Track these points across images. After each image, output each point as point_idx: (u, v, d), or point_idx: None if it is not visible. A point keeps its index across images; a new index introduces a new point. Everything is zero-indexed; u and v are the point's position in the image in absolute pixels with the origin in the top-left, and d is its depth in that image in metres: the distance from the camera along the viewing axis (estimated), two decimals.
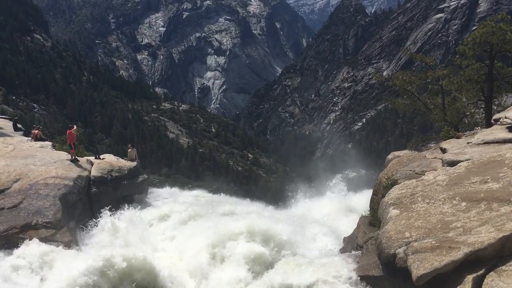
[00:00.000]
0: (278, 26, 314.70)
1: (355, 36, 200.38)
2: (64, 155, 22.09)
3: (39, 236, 15.31)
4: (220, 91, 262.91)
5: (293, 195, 28.29)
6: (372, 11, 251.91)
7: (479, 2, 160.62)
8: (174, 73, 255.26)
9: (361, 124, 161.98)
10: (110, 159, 23.79)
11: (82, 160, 22.09)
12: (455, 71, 26.63)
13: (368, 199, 18.15)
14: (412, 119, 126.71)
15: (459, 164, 14.02)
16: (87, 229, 17.67)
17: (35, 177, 18.48)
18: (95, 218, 17.90)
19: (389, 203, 12.89)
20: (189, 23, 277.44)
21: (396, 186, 14.16)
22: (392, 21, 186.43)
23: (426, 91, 30.26)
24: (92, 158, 23.30)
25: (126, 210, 19.02)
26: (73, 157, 21.46)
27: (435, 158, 16.76)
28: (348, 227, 19.44)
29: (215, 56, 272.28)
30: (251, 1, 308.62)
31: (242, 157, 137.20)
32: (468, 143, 16.40)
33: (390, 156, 20.90)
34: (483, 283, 9.16)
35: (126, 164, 23.62)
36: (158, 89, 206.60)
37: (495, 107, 24.23)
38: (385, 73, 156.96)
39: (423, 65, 34.38)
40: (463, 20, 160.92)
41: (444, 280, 9.62)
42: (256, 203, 26.81)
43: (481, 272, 9.40)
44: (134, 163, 24.27)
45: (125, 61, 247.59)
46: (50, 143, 25.91)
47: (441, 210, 11.46)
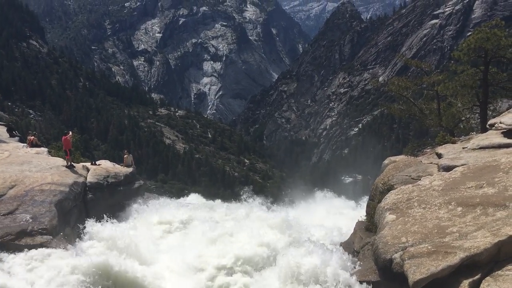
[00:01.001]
0: (274, 32, 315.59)
1: (351, 42, 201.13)
2: (60, 161, 22.01)
3: (34, 243, 15.24)
4: (216, 97, 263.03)
5: (289, 200, 28.28)
6: (368, 17, 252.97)
7: (473, 8, 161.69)
8: (171, 79, 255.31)
9: (357, 129, 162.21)
10: (106, 165, 23.72)
11: (78, 166, 22.02)
12: (450, 76, 26.74)
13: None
14: (408, 124, 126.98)
15: (454, 169, 14.07)
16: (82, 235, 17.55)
17: (30, 183, 18.40)
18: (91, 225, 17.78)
19: (385, 208, 12.91)
20: (185, 29, 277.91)
21: (392, 191, 14.20)
22: (388, 27, 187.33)
23: (421, 97, 30.37)
24: (88, 164, 23.22)
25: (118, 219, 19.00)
26: (69, 163, 21.40)
27: (431, 163, 16.81)
28: (345, 232, 19.43)
29: (212, 62, 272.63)
30: (247, 7, 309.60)
31: (239, 162, 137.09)
32: (463, 148, 16.46)
33: (386, 161, 20.95)
34: None
35: (122, 170, 23.55)
36: (154, 95, 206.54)
37: (490, 113, 24.33)
38: (381, 78, 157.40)
39: (418, 71, 34.56)
40: (458, 26, 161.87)
41: (440, 285, 9.62)
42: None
43: (477, 277, 9.41)
44: (130, 169, 24.20)
45: (121, 67, 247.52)
46: (46, 149, 25.81)
47: (437, 215, 11.48)
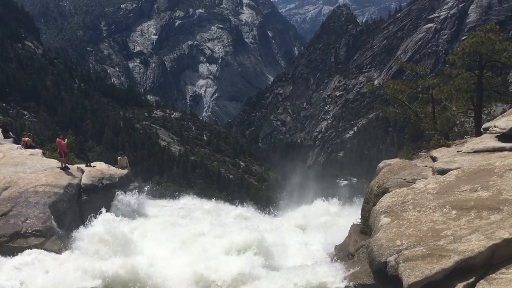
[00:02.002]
0: (270, 34, 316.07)
1: (346, 45, 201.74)
2: (55, 163, 21.93)
3: (28, 245, 15.17)
4: (212, 99, 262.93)
5: (284, 203, 28.28)
6: (363, 21, 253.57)
7: (468, 13, 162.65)
8: (166, 81, 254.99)
9: (352, 132, 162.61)
10: (101, 167, 23.66)
11: (73, 168, 21.94)
12: (445, 80, 26.86)
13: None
14: (403, 127, 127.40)
15: (449, 173, 14.11)
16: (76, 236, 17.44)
17: (25, 184, 18.32)
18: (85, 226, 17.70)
19: (380, 211, 12.93)
20: (181, 31, 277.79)
21: (387, 194, 14.21)
22: (383, 30, 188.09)
23: (416, 100, 30.47)
24: (83, 166, 23.15)
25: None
26: (64, 164, 21.33)
27: (426, 166, 16.85)
28: (340, 235, 19.44)
29: (207, 64, 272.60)
30: (243, 9, 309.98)
31: (234, 165, 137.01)
32: (458, 151, 16.51)
33: (381, 164, 20.98)
34: None
35: (117, 172, 23.49)
36: (149, 97, 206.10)
37: (484, 116, 24.44)
38: (376, 82, 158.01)
39: (413, 74, 34.71)
40: (452, 30, 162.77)
41: None
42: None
43: (471, 280, 9.43)
44: (125, 171, 24.15)
45: (117, 69, 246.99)
46: (40, 150, 25.69)
47: (432, 218, 11.51)
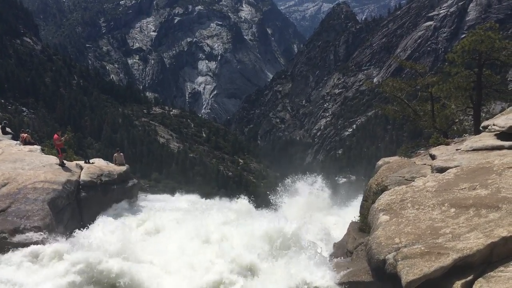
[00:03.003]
0: (270, 32, 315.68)
1: (346, 42, 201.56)
2: (53, 159, 21.91)
3: (27, 241, 15.16)
4: (211, 96, 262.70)
5: (282, 200, 28.28)
6: (363, 18, 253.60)
7: (468, 11, 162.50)
8: (165, 78, 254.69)
9: (351, 130, 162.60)
10: (100, 164, 23.64)
11: (72, 165, 21.92)
12: (444, 78, 26.83)
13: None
14: (402, 125, 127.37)
15: (448, 171, 14.12)
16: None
17: (23, 181, 18.31)
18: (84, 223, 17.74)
19: (379, 209, 12.94)
20: (180, 28, 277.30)
21: (386, 192, 14.23)
22: (383, 28, 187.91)
23: (415, 98, 30.46)
24: (81, 163, 23.12)
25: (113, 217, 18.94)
26: (61, 161, 21.26)
27: (425, 164, 16.87)
28: (338, 233, 19.48)
29: (206, 61, 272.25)
30: (242, 6, 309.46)
31: (233, 162, 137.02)
32: (457, 149, 16.53)
33: (380, 162, 21.01)
34: None
35: (116, 168, 23.47)
36: (148, 94, 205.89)
37: (483, 114, 24.46)
38: (375, 79, 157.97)
39: (413, 72, 34.64)
40: (452, 28, 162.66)
41: (433, 286, 9.66)
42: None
43: (470, 278, 9.46)
44: (124, 168, 24.12)
45: (116, 65, 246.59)
46: (39, 147, 25.67)
47: (431, 216, 11.52)
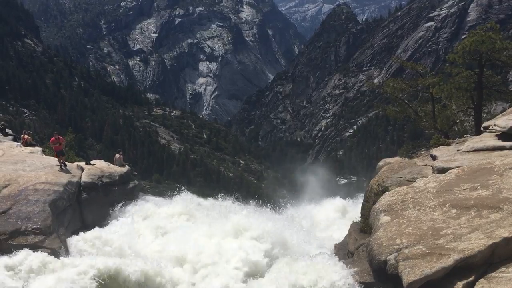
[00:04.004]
0: (270, 33, 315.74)
1: (346, 43, 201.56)
2: (54, 161, 21.88)
3: (28, 243, 15.16)
4: (212, 97, 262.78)
5: (284, 201, 28.33)
6: (364, 19, 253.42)
7: (468, 11, 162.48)
8: (166, 79, 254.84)
9: (352, 131, 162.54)
10: (101, 165, 23.61)
11: (73, 166, 21.92)
12: (445, 79, 26.81)
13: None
14: (403, 126, 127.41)
15: (449, 171, 14.11)
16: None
17: (24, 182, 18.30)
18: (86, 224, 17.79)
19: (380, 210, 12.93)
20: (181, 29, 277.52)
21: (387, 193, 14.22)
22: (383, 29, 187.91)
23: (416, 99, 30.44)
24: (82, 164, 23.11)
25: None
26: (60, 163, 21.13)
27: (426, 165, 16.85)
28: (340, 234, 19.47)
29: (207, 62, 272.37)
30: (243, 8, 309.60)
31: (234, 163, 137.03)
32: (458, 150, 16.51)
33: (381, 163, 21.01)
34: None
35: (117, 169, 23.44)
36: (149, 95, 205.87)
37: (484, 115, 24.42)
38: (376, 80, 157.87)
39: (413, 73, 34.58)
40: (453, 28, 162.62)
41: (434, 287, 9.65)
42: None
43: (471, 279, 9.45)
44: (125, 169, 24.10)
45: (117, 67, 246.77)
46: (40, 148, 25.66)
47: (432, 217, 11.51)
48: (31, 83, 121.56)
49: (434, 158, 17.00)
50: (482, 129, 17.87)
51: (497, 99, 25.17)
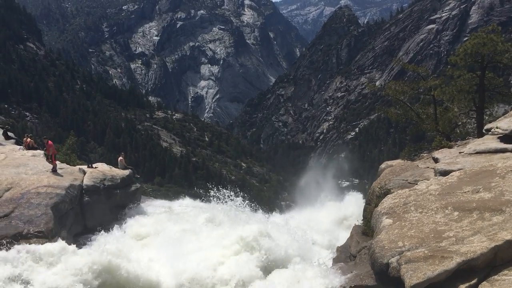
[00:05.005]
0: (272, 35, 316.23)
1: (348, 46, 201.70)
2: (57, 164, 21.92)
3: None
4: (213, 100, 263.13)
5: (286, 204, 28.32)
6: (365, 22, 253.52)
7: (470, 14, 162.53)
8: (168, 82, 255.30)
9: (354, 133, 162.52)
10: (103, 168, 23.64)
11: (74, 169, 21.95)
12: (447, 81, 26.81)
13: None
14: (404, 128, 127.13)
15: (451, 174, 14.08)
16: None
17: (26, 186, 18.34)
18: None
19: (382, 212, 12.91)
20: (183, 32, 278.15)
21: (389, 195, 14.20)
22: (385, 31, 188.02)
23: (418, 101, 30.38)
24: (84, 167, 23.14)
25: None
26: (53, 166, 21.14)
27: (428, 167, 16.84)
28: (342, 237, 19.45)
29: (209, 65, 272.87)
30: (244, 10, 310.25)
31: (236, 166, 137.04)
32: (460, 152, 16.49)
33: (383, 166, 21.00)
34: None
35: (119, 173, 23.47)
36: (151, 98, 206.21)
37: (486, 117, 24.37)
38: (377, 83, 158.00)
39: (415, 75, 34.61)
40: (454, 31, 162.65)
41: None
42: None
43: (473, 282, 9.41)
44: (127, 172, 24.13)
45: (119, 70, 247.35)
46: (42, 151, 25.69)
47: (434, 219, 11.49)
48: (33, 87, 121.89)
49: (436, 160, 16.98)
50: (484, 131, 17.85)
51: (499, 101, 25.13)
